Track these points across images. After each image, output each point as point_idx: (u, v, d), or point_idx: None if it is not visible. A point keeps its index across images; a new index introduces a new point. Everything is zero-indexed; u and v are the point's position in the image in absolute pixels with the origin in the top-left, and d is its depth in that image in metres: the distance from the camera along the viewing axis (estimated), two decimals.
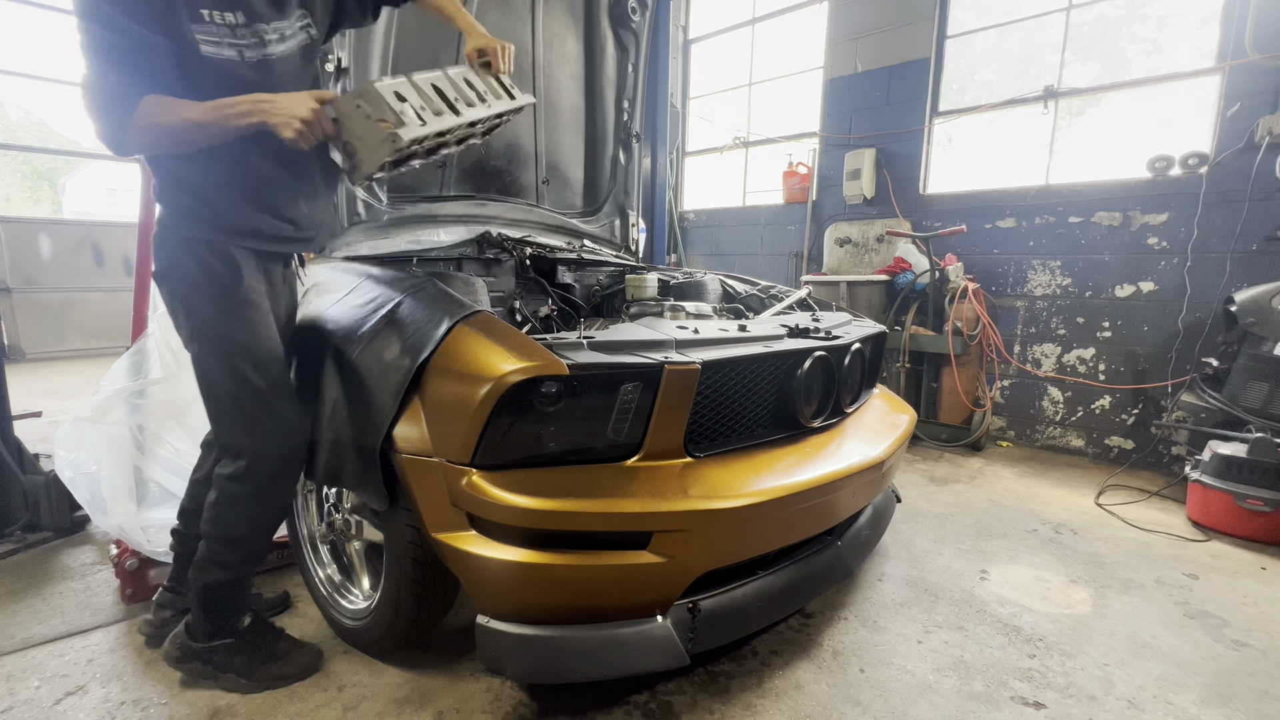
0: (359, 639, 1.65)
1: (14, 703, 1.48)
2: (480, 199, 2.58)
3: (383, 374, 1.34)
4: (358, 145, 1.27)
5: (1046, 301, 3.94)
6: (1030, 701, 1.56)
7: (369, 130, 1.24)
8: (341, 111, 1.27)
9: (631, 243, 3.11)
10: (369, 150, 1.26)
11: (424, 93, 1.34)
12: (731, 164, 5.98)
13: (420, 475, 1.30)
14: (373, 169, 1.28)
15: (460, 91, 1.44)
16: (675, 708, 1.50)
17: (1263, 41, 3.15)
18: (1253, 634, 1.89)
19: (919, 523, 2.66)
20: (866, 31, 4.64)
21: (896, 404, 2.23)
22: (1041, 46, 4.00)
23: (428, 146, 1.39)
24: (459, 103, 1.42)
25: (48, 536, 2.32)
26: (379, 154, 1.25)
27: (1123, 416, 3.71)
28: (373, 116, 1.24)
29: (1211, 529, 2.65)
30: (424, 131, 1.27)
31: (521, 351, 1.23)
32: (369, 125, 1.24)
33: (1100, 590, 2.13)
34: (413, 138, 1.25)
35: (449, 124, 1.36)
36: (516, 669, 1.29)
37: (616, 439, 1.37)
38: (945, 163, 4.48)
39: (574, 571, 1.25)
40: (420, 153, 1.39)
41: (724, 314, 2.32)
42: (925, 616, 1.93)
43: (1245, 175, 3.21)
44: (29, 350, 6.20)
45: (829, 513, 1.61)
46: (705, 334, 1.55)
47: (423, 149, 1.38)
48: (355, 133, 1.26)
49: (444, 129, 1.35)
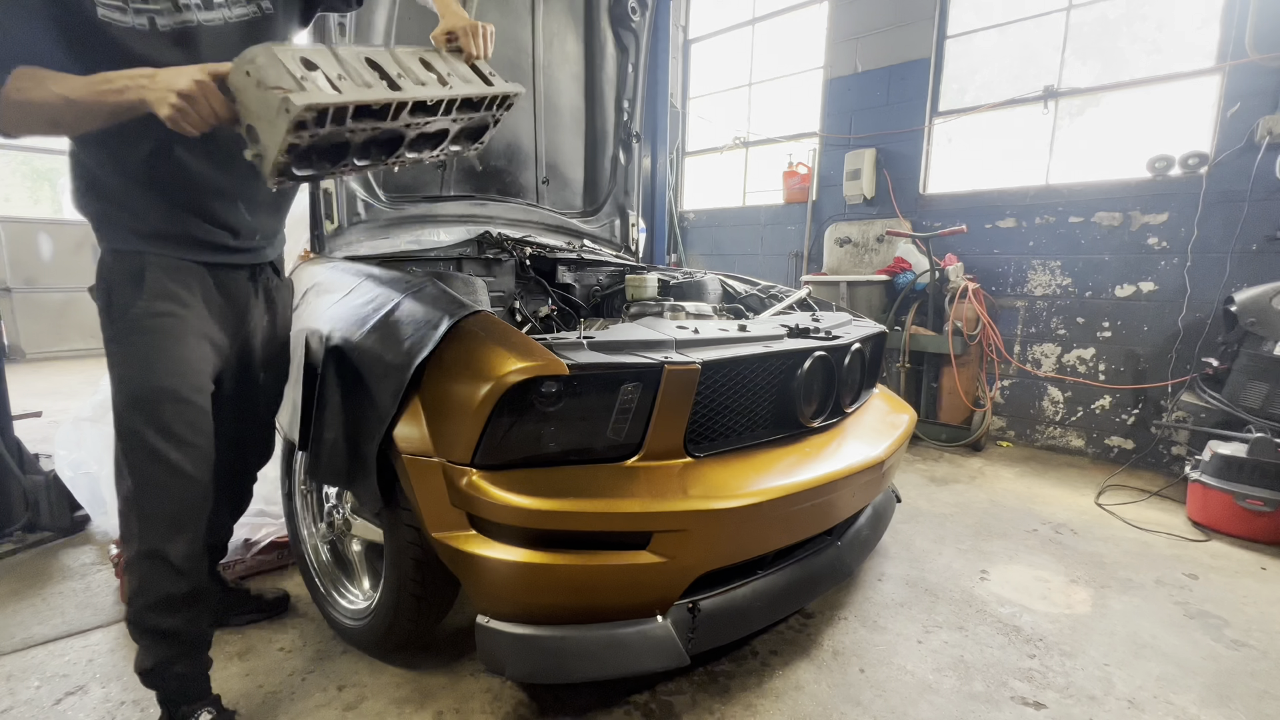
0: (359, 639, 1.65)
1: (14, 702, 1.48)
2: (480, 199, 2.58)
3: (382, 374, 1.33)
4: (258, 126, 1.02)
5: (1046, 301, 3.93)
6: (1030, 701, 1.56)
7: (264, 103, 0.98)
8: (235, 85, 1.01)
9: (631, 243, 3.11)
10: (268, 129, 1.01)
11: (346, 63, 1.08)
12: (731, 164, 5.98)
13: (420, 475, 1.30)
14: (275, 153, 1.01)
15: (406, 69, 1.17)
16: (675, 708, 1.50)
17: (1263, 41, 3.15)
18: (1253, 634, 1.89)
19: (919, 523, 2.66)
20: (866, 31, 4.64)
21: (896, 404, 2.23)
22: (1041, 46, 4.00)
23: (368, 135, 1.12)
24: (402, 79, 1.13)
25: (48, 536, 2.32)
26: (277, 131, 0.99)
27: (1123, 416, 3.70)
28: (265, 84, 0.97)
29: (1211, 529, 2.65)
30: (329, 99, 0.99)
31: (521, 351, 1.23)
32: (263, 96, 0.98)
33: (1100, 590, 2.13)
34: (310, 103, 0.96)
35: (375, 98, 1.07)
36: (516, 669, 1.29)
37: (616, 439, 1.37)
38: (945, 163, 4.48)
39: (574, 571, 1.25)
40: (353, 141, 1.12)
41: (724, 314, 2.32)
42: (925, 616, 1.93)
43: (1245, 175, 3.21)
44: (29, 350, 6.20)
45: (829, 513, 1.61)
46: (705, 334, 1.55)
47: (357, 135, 1.11)
48: (252, 109, 1.01)
49: (368, 102, 1.06)
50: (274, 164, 1.04)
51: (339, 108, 1.02)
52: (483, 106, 1.30)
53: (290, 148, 1.02)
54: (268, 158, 1.04)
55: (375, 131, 1.13)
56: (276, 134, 0.99)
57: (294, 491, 1.89)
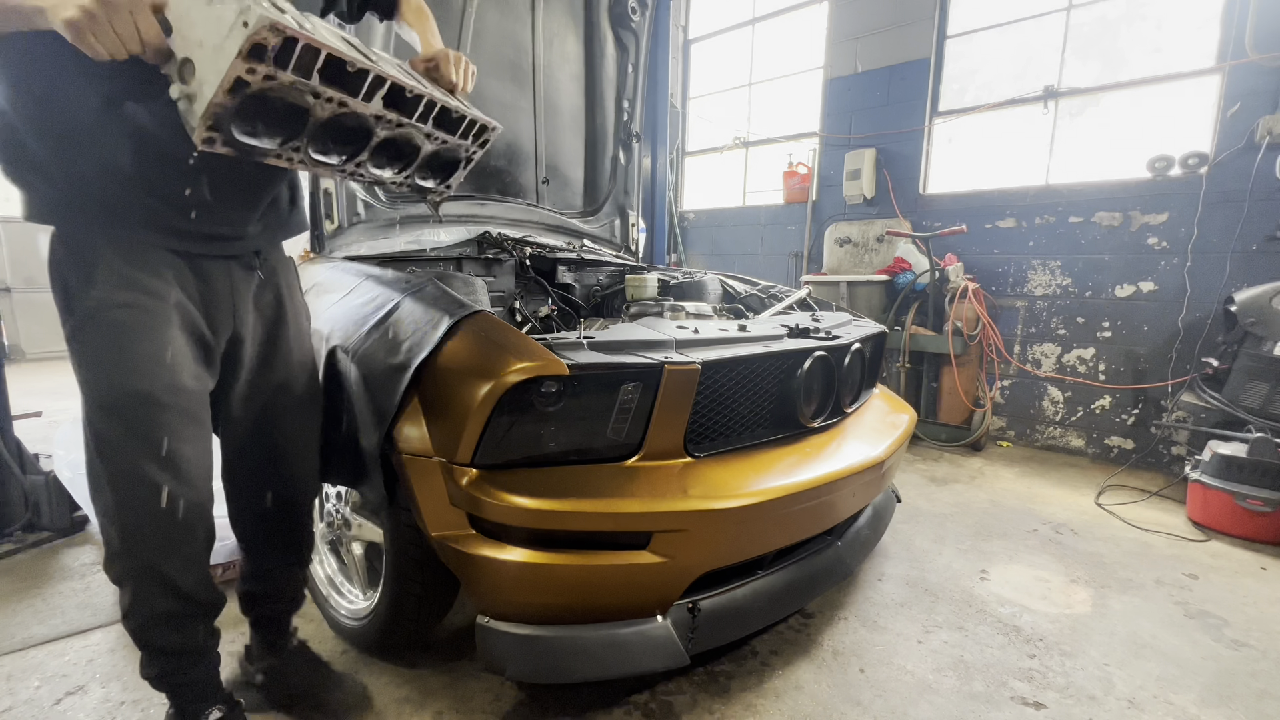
0: (359, 639, 1.65)
1: (14, 702, 1.48)
2: (480, 199, 2.58)
3: (382, 374, 1.33)
4: (196, 56, 0.83)
5: (1046, 301, 3.93)
6: (1030, 701, 1.56)
7: (213, 20, 0.81)
8: (175, 5, 0.83)
9: (631, 243, 3.11)
10: (211, 58, 0.82)
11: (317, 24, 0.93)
12: (731, 164, 5.98)
13: (420, 475, 1.30)
14: (215, 90, 0.82)
15: (382, 57, 1.03)
16: (675, 708, 1.50)
17: (1263, 41, 3.15)
18: (1253, 634, 1.89)
19: (919, 523, 2.66)
20: (866, 31, 4.64)
21: (896, 404, 2.23)
22: (1041, 46, 4.00)
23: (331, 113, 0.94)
24: (379, 63, 0.98)
25: (48, 536, 2.32)
26: (223, 56, 0.80)
27: (1123, 416, 3.70)
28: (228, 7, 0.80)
29: (1211, 529, 2.65)
30: (298, 29, 0.83)
31: (521, 351, 1.23)
32: (212, 12, 0.81)
33: (1100, 590, 2.13)
34: (275, 21, 0.79)
35: (350, 55, 0.91)
36: (516, 669, 1.29)
37: (616, 439, 1.37)
38: (945, 163, 4.48)
39: (574, 571, 1.25)
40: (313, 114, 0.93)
41: (724, 314, 2.32)
42: (925, 616, 1.93)
43: (1245, 175, 3.21)
44: (29, 350, 6.20)
45: (829, 513, 1.61)
46: (705, 334, 1.55)
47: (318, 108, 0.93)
48: (193, 35, 0.83)
49: (343, 56, 0.90)
50: (209, 107, 0.83)
51: (308, 47, 0.86)
52: (459, 132, 1.17)
53: (236, 85, 0.82)
54: (203, 95, 0.83)
55: (341, 110, 0.95)
56: (222, 60, 0.80)
57: None
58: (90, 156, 1.00)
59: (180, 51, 0.84)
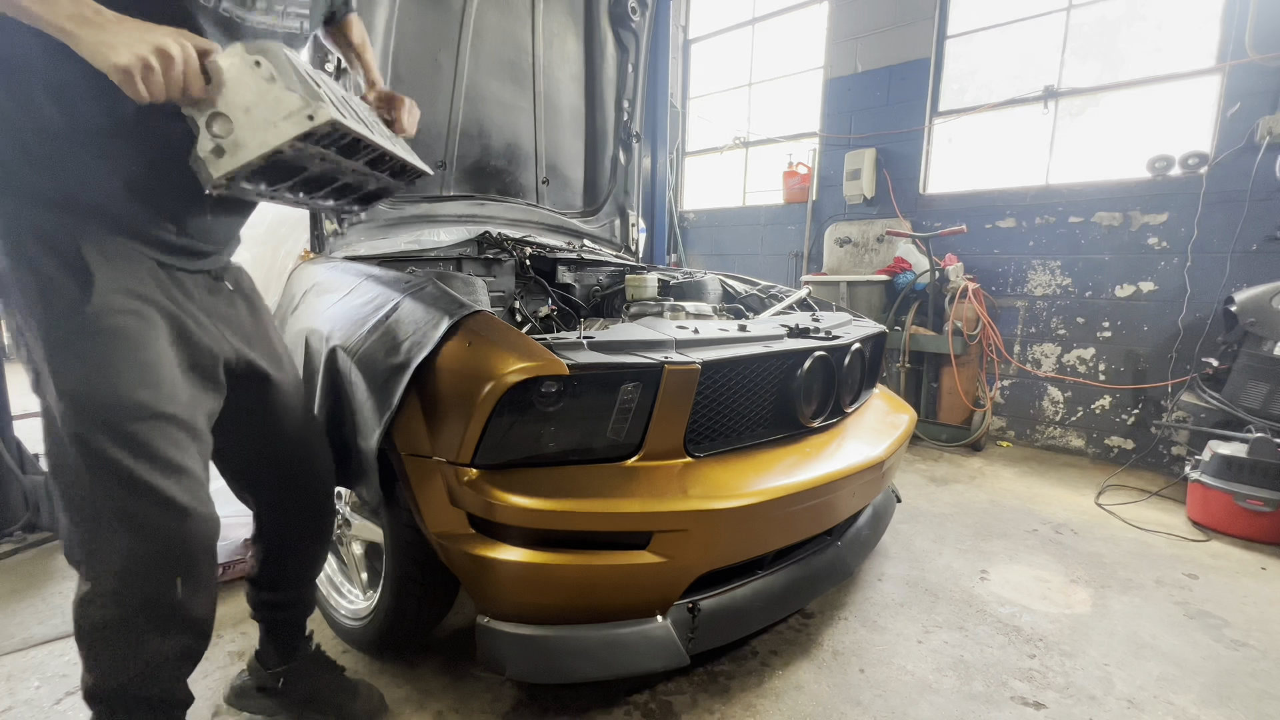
0: (359, 639, 1.65)
1: (14, 703, 1.48)
2: (480, 199, 2.58)
3: (382, 374, 1.33)
4: (241, 120, 0.90)
5: (1046, 301, 3.94)
6: (1030, 701, 1.56)
7: (269, 100, 0.90)
8: (230, 71, 0.89)
9: (631, 243, 3.11)
10: (259, 128, 0.90)
11: (335, 91, 1.03)
12: (731, 164, 5.98)
13: (420, 475, 1.30)
14: (255, 155, 0.91)
15: (369, 119, 1.14)
16: (675, 708, 1.50)
17: (1263, 41, 3.15)
18: (1253, 634, 1.89)
19: (919, 523, 2.66)
20: (866, 31, 4.64)
21: (896, 404, 2.23)
22: (1041, 46, 4.00)
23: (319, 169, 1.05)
24: (373, 128, 1.11)
25: (48, 536, 2.32)
26: (276, 133, 0.90)
27: (1123, 416, 3.71)
28: (283, 83, 0.89)
29: (1211, 529, 2.65)
30: (345, 121, 0.95)
31: (521, 351, 1.23)
32: (276, 94, 0.90)
33: (1100, 590, 2.13)
34: (334, 119, 0.91)
35: (370, 136, 1.05)
36: (516, 669, 1.29)
37: (616, 439, 1.37)
38: (945, 163, 4.48)
39: (574, 571, 1.25)
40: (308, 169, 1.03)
41: (724, 314, 2.32)
42: (925, 616, 1.93)
43: (1245, 175, 3.21)
44: None
45: (829, 513, 1.61)
46: (705, 334, 1.55)
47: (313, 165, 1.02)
48: (242, 102, 0.90)
49: (365, 139, 1.04)
50: (240, 168, 0.91)
51: (347, 135, 0.99)
52: (402, 175, 1.26)
53: (274, 154, 0.91)
54: (236, 155, 0.91)
55: (328, 165, 1.05)
56: (272, 136, 0.90)
57: None
58: (95, 148, 0.97)
59: (223, 107, 0.91)
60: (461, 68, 2.39)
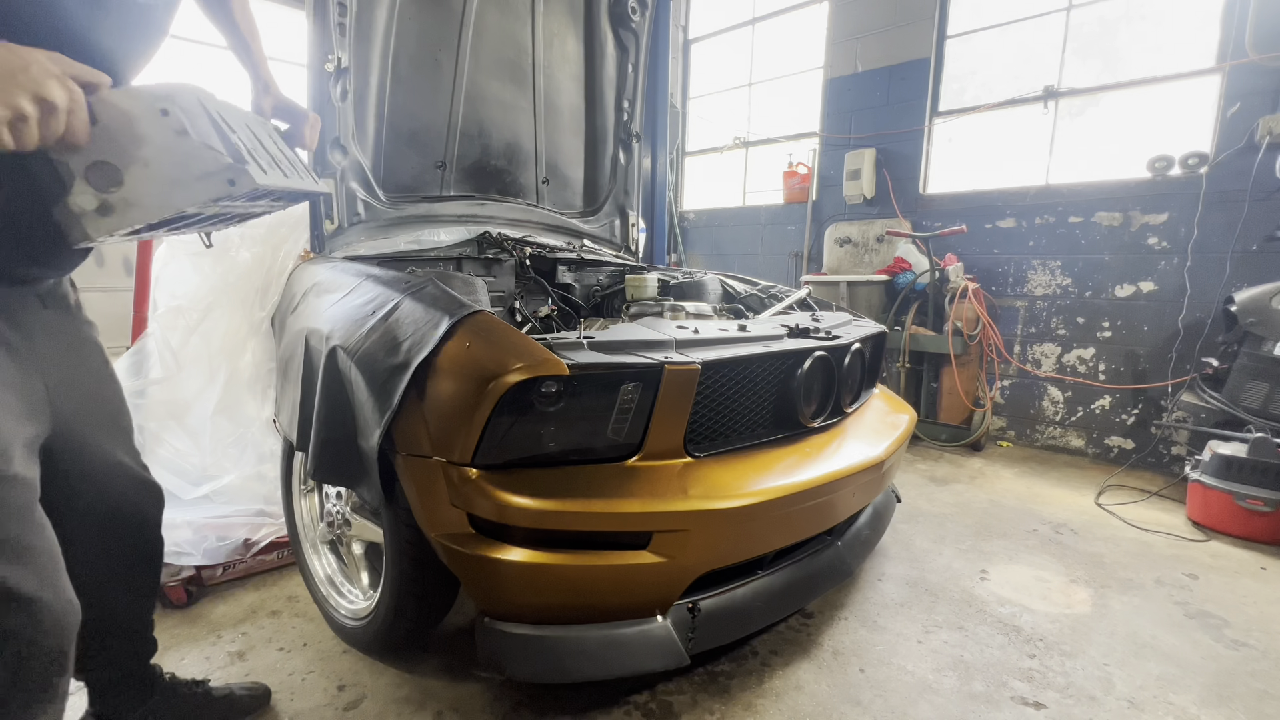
0: (359, 639, 1.65)
1: None
2: (480, 199, 2.58)
3: (382, 374, 1.33)
4: (138, 175, 0.76)
5: (1046, 301, 3.93)
6: (1030, 701, 1.56)
7: (177, 156, 0.76)
8: (125, 112, 0.75)
9: (631, 243, 3.11)
10: (162, 187, 0.76)
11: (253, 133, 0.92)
12: (731, 164, 5.98)
13: (420, 475, 1.30)
14: (154, 215, 0.78)
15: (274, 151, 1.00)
16: (675, 708, 1.50)
17: (1263, 41, 3.15)
18: (1253, 634, 1.89)
19: (919, 523, 2.66)
20: (866, 31, 4.64)
21: (896, 404, 2.23)
22: (1041, 46, 4.00)
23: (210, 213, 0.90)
24: (281, 163, 0.98)
25: None
26: (187, 195, 0.77)
27: (1123, 416, 3.70)
28: (193, 136, 0.76)
29: (1211, 529, 2.65)
30: (266, 180, 0.84)
31: (521, 351, 1.23)
32: (180, 148, 0.76)
33: (1100, 590, 2.13)
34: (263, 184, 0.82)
35: (282, 186, 0.93)
36: (516, 669, 1.29)
37: (616, 439, 1.37)
38: (945, 163, 4.48)
39: (574, 571, 1.25)
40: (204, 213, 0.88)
41: (724, 314, 2.32)
42: (925, 616, 1.93)
43: (1245, 175, 3.21)
44: None
45: (829, 513, 1.61)
46: (705, 334, 1.55)
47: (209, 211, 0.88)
48: (140, 154, 0.75)
49: (278, 192, 0.92)
50: (126, 228, 0.78)
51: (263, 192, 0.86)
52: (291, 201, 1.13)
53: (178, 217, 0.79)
54: (123, 214, 0.76)
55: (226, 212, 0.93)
56: (181, 198, 0.77)
57: (294, 491, 1.90)
58: None
59: (113, 158, 0.75)
60: (461, 68, 2.39)
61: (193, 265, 2.12)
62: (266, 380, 2.14)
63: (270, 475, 2.11)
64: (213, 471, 2.09)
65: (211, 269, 2.10)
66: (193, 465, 2.08)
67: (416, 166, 2.39)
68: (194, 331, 2.09)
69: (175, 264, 2.15)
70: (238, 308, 2.11)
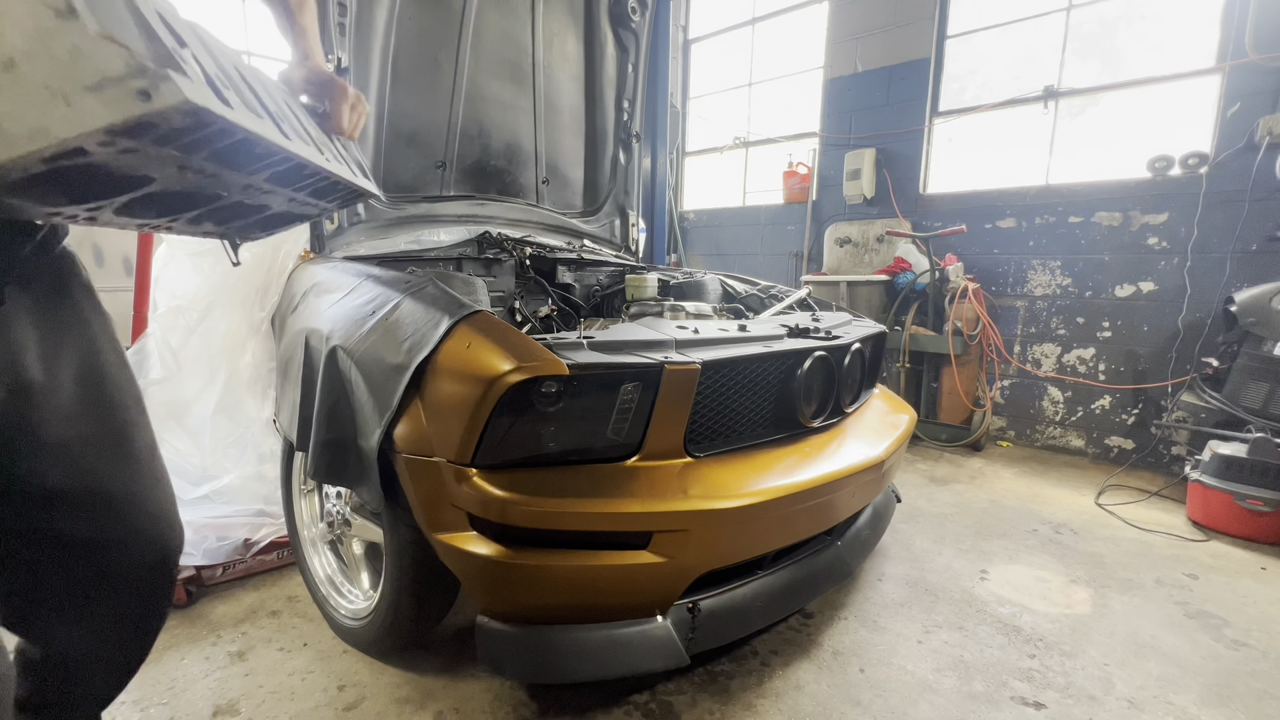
0: (359, 639, 1.65)
1: None
2: (480, 199, 2.58)
3: (382, 374, 1.34)
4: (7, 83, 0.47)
5: (1046, 301, 3.93)
6: (1030, 701, 1.56)
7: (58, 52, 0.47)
8: None
9: (631, 243, 3.11)
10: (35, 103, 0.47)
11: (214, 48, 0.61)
12: (731, 164, 5.98)
13: (420, 475, 1.30)
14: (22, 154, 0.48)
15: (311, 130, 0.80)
16: (675, 708, 1.50)
17: (1263, 41, 3.15)
18: (1253, 634, 1.89)
19: (919, 523, 2.66)
20: (866, 31, 4.64)
21: (896, 404, 2.23)
22: (1041, 46, 4.00)
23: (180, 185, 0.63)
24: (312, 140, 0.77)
25: None
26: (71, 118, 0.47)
27: (1123, 416, 3.70)
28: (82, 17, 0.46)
29: (1211, 529, 2.65)
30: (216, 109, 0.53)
31: (521, 351, 1.23)
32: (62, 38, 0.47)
33: (1100, 590, 2.13)
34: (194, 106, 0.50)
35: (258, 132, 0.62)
36: (516, 669, 1.29)
37: (616, 439, 1.37)
38: (945, 163, 4.48)
39: (574, 571, 1.25)
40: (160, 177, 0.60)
41: (724, 314, 2.32)
42: (925, 616, 1.93)
43: (1245, 175, 3.21)
44: None
45: (829, 513, 1.61)
46: (705, 334, 1.55)
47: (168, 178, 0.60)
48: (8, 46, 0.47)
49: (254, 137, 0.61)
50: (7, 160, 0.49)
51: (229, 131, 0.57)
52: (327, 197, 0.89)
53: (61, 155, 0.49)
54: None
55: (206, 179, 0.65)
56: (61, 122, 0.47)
57: (294, 491, 1.90)
58: None
59: None
60: (461, 68, 2.39)
61: (193, 265, 2.12)
62: (266, 380, 2.14)
63: (270, 475, 2.11)
64: (213, 471, 2.09)
65: (212, 269, 2.10)
66: (193, 465, 2.08)
67: (416, 166, 2.39)
68: (194, 331, 2.09)
69: (175, 264, 2.15)
70: (238, 308, 2.11)
